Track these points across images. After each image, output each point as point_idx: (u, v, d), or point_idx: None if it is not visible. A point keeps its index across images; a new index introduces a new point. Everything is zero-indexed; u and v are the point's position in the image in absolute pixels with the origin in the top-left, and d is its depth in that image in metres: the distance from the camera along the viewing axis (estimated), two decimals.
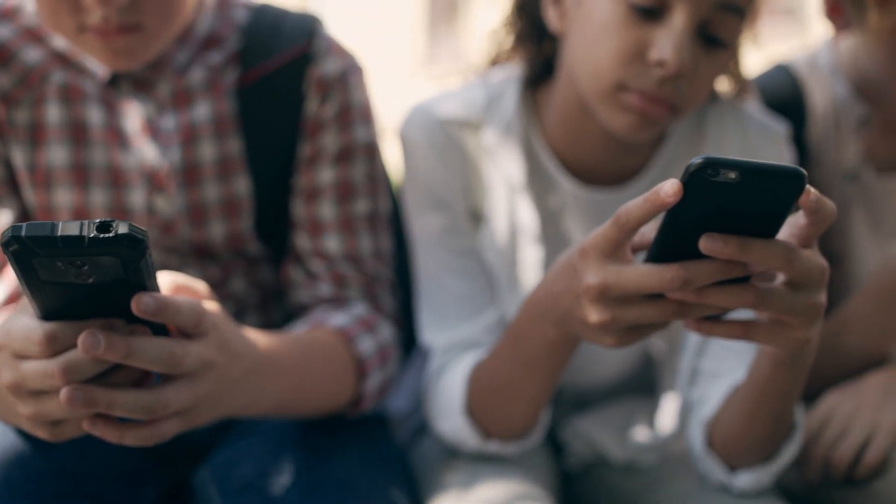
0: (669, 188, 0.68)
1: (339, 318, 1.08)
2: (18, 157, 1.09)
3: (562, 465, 1.25)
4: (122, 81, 1.09)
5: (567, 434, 1.24)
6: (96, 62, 1.07)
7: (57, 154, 1.08)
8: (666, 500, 1.12)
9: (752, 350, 0.93)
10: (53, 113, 1.08)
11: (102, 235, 0.64)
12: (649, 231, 0.79)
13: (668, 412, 1.19)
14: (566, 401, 1.28)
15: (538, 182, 1.15)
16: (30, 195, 1.10)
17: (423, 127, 1.14)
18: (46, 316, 0.73)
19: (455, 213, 1.14)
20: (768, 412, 0.94)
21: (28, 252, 0.64)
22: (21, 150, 1.09)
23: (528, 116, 1.16)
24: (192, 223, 1.11)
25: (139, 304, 0.71)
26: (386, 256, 1.18)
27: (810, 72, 1.35)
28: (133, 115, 1.09)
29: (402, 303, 1.23)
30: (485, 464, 1.07)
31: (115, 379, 0.76)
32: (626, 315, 0.77)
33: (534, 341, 0.92)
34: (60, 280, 0.67)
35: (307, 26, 1.14)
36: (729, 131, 1.15)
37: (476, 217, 1.14)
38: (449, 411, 1.06)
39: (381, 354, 1.10)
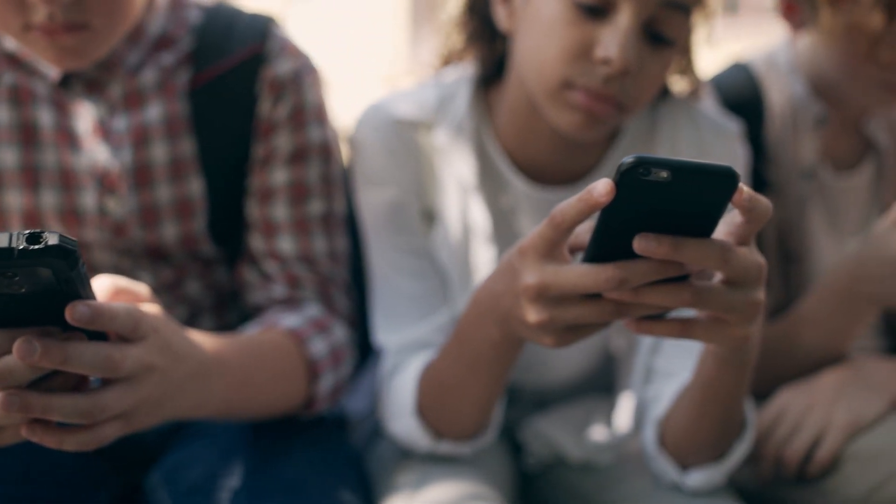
0: (602, 188, 0.68)
1: (292, 320, 1.08)
2: None
3: (520, 465, 1.25)
4: (74, 82, 1.08)
5: (526, 434, 1.24)
6: (47, 63, 1.06)
7: (7, 156, 1.08)
8: (621, 499, 1.12)
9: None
10: (3, 114, 1.07)
11: (32, 247, 0.63)
12: (586, 231, 0.79)
13: (625, 411, 1.19)
14: (526, 401, 1.28)
15: (490, 182, 1.15)
16: None
17: (376, 127, 1.14)
18: None
19: (408, 213, 1.13)
20: (715, 410, 0.95)
21: None
22: None
23: (480, 116, 1.16)
24: (145, 225, 1.10)
25: (73, 314, 0.71)
26: (341, 257, 1.18)
27: (768, 70, 1.36)
28: (84, 116, 1.08)
29: (358, 304, 1.22)
30: (437, 465, 1.07)
31: (53, 384, 0.75)
32: (565, 315, 0.77)
33: (478, 341, 0.92)
34: None
35: (261, 26, 1.14)
36: (682, 130, 1.15)
37: (429, 217, 1.14)
38: (400, 412, 1.06)
39: (334, 356, 1.09)
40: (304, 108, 1.13)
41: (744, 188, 0.69)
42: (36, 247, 0.63)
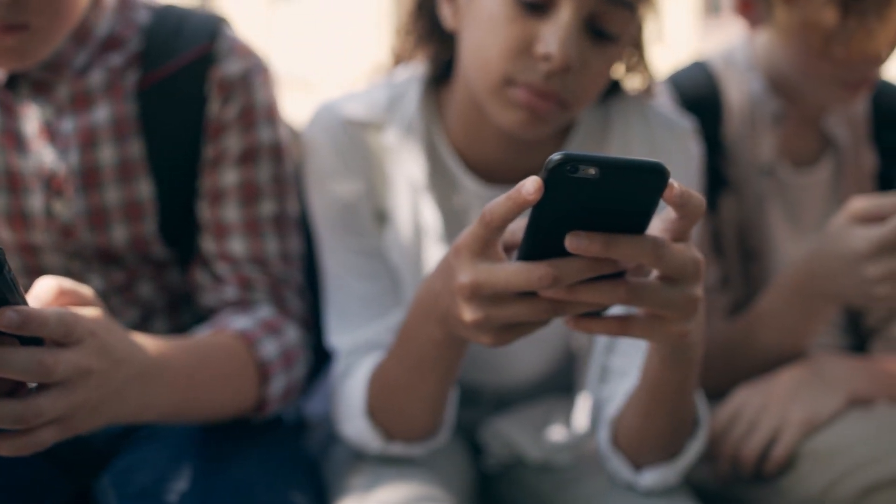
0: (530, 185, 0.68)
1: (242, 322, 1.07)
2: None
3: (480, 466, 1.24)
4: (21, 84, 1.07)
5: (485, 435, 1.23)
6: None
7: None
8: (578, 499, 1.11)
9: None
10: None
11: None
12: (522, 229, 0.79)
13: (583, 411, 1.18)
14: (486, 401, 1.27)
15: (441, 181, 1.14)
16: None
17: (327, 128, 1.13)
18: None
19: (359, 214, 1.13)
20: (663, 409, 0.94)
21: None
22: None
23: (431, 116, 1.15)
24: (93, 227, 1.09)
25: (2, 320, 0.70)
26: (294, 259, 1.17)
27: (726, 68, 1.35)
28: (31, 118, 1.07)
29: (313, 306, 1.21)
30: (389, 466, 1.06)
31: None
32: (500, 314, 0.76)
33: (421, 341, 0.91)
34: None
35: (211, 27, 1.13)
36: (634, 127, 1.14)
37: (381, 218, 1.13)
38: (351, 414, 1.05)
39: (285, 357, 1.08)
40: (253, 108, 1.12)
41: (674, 184, 0.69)
42: None
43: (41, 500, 1.05)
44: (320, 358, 1.25)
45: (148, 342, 0.90)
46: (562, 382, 1.26)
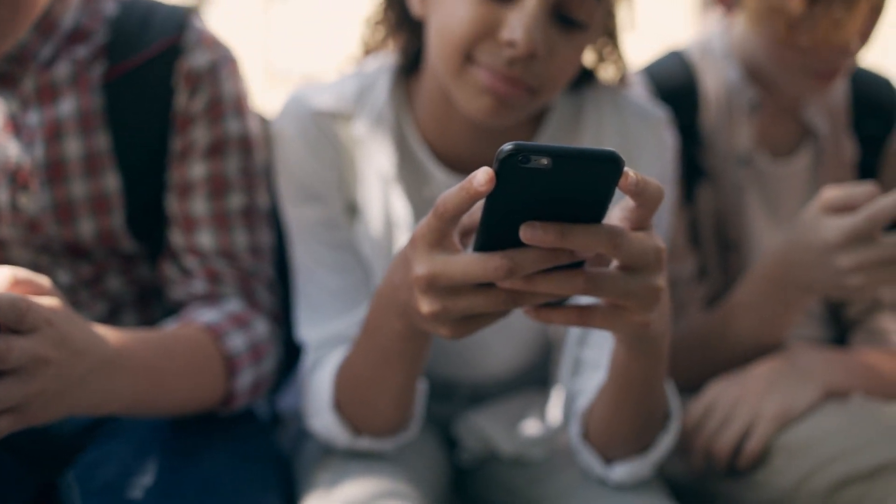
0: (481, 176, 0.66)
1: (209, 315, 1.06)
2: None
3: (455, 460, 1.23)
4: None
5: (460, 429, 1.22)
6: None
7: None
8: (551, 493, 1.10)
9: None
10: None
11: None
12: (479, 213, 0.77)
13: (557, 405, 1.17)
14: (462, 396, 1.26)
15: (412, 173, 1.13)
16: None
17: (296, 119, 1.12)
18: None
19: (329, 206, 1.11)
20: (632, 401, 0.93)
21: None
22: None
23: (401, 106, 1.14)
24: (60, 221, 1.08)
25: None
26: (264, 252, 1.16)
27: (703, 57, 1.34)
28: None
29: (283, 299, 1.20)
30: (357, 461, 1.05)
31: None
32: (457, 305, 0.75)
33: (384, 334, 0.90)
34: None
35: (178, 18, 1.12)
36: (607, 117, 1.13)
37: (352, 209, 1.12)
38: (319, 408, 1.04)
39: (254, 351, 1.07)
40: (221, 100, 1.10)
41: (630, 172, 0.67)
42: None
43: (6, 496, 1.04)
44: (293, 352, 1.24)
45: (110, 334, 0.90)
46: (537, 376, 1.25)
